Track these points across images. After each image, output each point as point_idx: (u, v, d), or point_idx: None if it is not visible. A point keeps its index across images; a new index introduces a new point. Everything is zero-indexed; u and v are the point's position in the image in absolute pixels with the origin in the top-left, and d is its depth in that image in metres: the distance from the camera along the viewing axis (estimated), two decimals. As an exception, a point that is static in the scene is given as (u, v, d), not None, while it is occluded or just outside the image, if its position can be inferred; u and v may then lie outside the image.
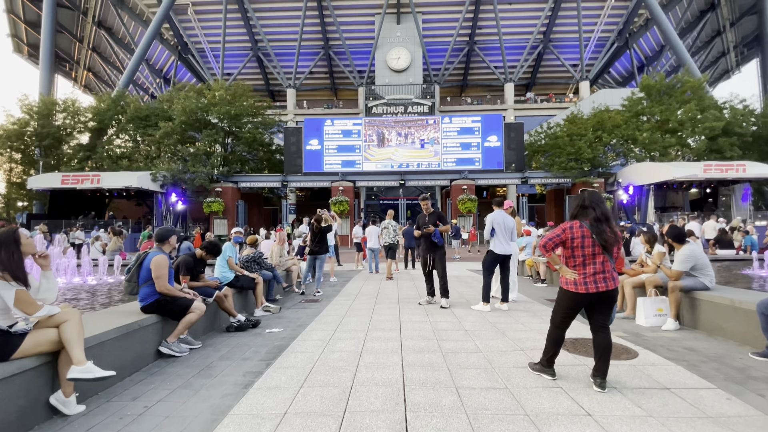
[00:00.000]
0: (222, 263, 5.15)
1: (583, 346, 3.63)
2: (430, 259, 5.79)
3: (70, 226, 22.96)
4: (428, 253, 5.80)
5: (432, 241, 5.74)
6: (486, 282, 5.42)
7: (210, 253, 4.54)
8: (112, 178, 23.33)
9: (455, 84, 41.91)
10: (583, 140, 24.14)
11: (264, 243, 11.15)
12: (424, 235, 5.79)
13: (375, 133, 25.84)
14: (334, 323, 4.70)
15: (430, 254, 5.79)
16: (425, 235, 5.76)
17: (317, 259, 7.04)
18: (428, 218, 5.85)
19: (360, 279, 9.12)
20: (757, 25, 36.75)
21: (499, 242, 5.39)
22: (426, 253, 5.82)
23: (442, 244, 5.70)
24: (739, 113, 24.93)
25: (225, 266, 5.15)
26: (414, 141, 25.78)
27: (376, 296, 6.60)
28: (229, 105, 25.49)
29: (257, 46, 37.81)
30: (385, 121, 26.29)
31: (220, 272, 5.11)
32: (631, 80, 42.42)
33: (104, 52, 43.03)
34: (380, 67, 35.25)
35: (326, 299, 6.44)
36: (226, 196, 25.40)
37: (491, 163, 25.54)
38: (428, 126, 25.90)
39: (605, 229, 2.75)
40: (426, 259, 5.82)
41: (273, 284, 6.19)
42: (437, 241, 5.72)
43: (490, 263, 5.46)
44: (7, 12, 37.31)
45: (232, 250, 5.34)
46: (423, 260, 5.89)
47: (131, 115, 26.60)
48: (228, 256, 5.17)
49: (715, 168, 21.27)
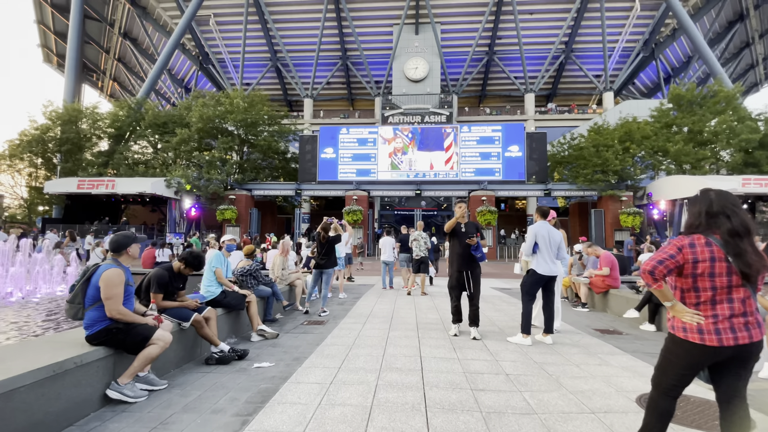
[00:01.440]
0: (209, 276, 4.36)
1: (697, 413, 2.48)
2: (467, 277, 4.78)
3: (84, 231, 22.95)
4: (464, 270, 4.76)
5: (470, 256, 4.76)
6: (526, 309, 4.49)
7: (190, 266, 3.66)
8: (127, 184, 23.25)
9: (473, 94, 41.24)
10: (610, 151, 22.94)
11: (270, 253, 10.44)
12: (453, 246, 4.87)
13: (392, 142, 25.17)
14: (338, 357, 3.85)
15: (467, 272, 4.77)
16: (459, 249, 4.80)
17: (323, 273, 6.15)
18: (465, 227, 4.86)
19: (372, 295, 8.23)
20: (788, 38, 35.28)
21: (543, 260, 4.46)
22: (461, 271, 4.77)
23: (484, 261, 4.78)
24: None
25: (212, 279, 4.36)
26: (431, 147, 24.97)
27: (390, 319, 5.71)
28: (245, 113, 25.31)
29: (276, 57, 38.08)
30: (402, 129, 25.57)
31: (205, 287, 4.33)
32: (657, 91, 41.06)
33: (129, 62, 44.21)
34: (398, 77, 34.89)
35: (333, 320, 5.61)
36: (240, 203, 25.02)
37: (512, 174, 24.49)
38: (447, 135, 25.08)
39: (746, 248, 1.80)
40: (460, 277, 4.79)
41: (272, 302, 5.37)
42: (479, 257, 4.79)
43: (531, 286, 4.54)
44: (38, 23, 38.67)
45: (221, 260, 4.51)
46: (454, 279, 4.84)
47: (149, 122, 26.70)
48: (215, 266, 4.38)
49: (755, 182, 19.77)
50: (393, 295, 8.26)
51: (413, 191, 25.10)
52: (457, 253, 4.83)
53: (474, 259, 4.82)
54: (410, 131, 25.36)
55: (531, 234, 4.56)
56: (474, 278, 4.83)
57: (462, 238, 4.79)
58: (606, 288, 6.23)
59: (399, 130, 25.61)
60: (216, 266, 4.40)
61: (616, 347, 4.25)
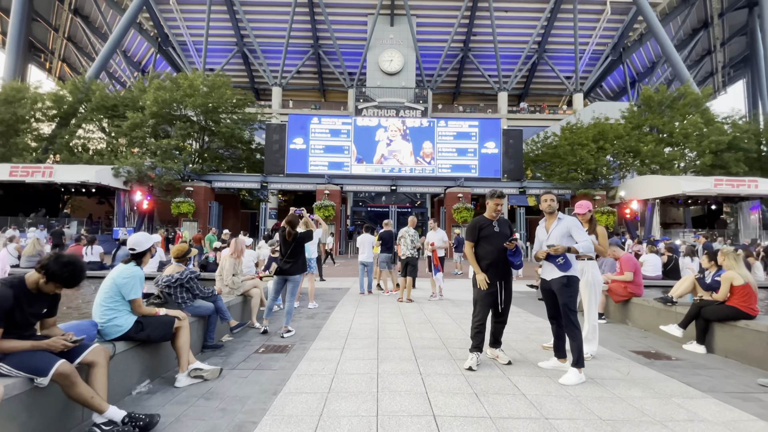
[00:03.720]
0: (113, 296, 2.82)
1: None
2: (500, 290, 3.65)
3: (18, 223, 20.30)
4: (498, 280, 3.65)
5: (506, 262, 3.68)
6: (577, 333, 3.38)
7: (57, 281, 2.18)
8: (67, 172, 20.62)
9: (448, 91, 40.73)
10: (585, 150, 22.82)
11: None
12: (482, 250, 3.74)
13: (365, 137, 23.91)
14: (307, 420, 2.47)
15: (500, 283, 3.65)
16: (492, 254, 3.65)
17: (288, 281, 4.70)
18: (500, 226, 3.74)
19: (349, 303, 6.96)
20: (746, 46, 37.22)
21: (578, 267, 3.48)
22: (495, 282, 3.62)
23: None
24: (741, 129, 24.07)
25: (118, 304, 2.83)
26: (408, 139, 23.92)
27: (376, 340, 4.44)
28: (206, 97, 23.21)
29: (243, 42, 35.88)
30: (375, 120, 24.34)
31: (103, 315, 2.79)
32: (623, 95, 42.27)
33: (80, 42, 40.53)
34: (372, 69, 33.66)
35: (299, 344, 4.25)
36: (198, 196, 22.92)
37: (488, 171, 23.86)
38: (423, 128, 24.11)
39: None
40: (494, 291, 3.61)
41: (215, 321, 3.99)
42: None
43: (576, 296, 3.50)
44: (-21, -2, 34.48)
45: (139, 281, 2.94)
46: (485, 293, 3.60)
47: (96, 104, 24.00)
48: (132, 296, 2.86)
49: (726, 183, 20.10)
50: (373, 303, 7.03)
51: (388, 186, 23.96)
52: (489, 259, 3.65)
53: (509, 267, 3.71)
54: (401, 121, 24.21)
55: (581, 227, 3.50)
56: (508, 291, 3.70)
57: (496, 240, 3.65)
58: (628, 296, 5.31)
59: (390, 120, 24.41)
60: (134, 295, 2.89)
61: (684, 383, 3.22)
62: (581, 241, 3.43)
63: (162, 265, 8.64)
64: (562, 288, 3.46)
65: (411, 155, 23.84)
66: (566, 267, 3.45)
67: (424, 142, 23.86)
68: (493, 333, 3.75)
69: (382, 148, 23.85)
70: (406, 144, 23.87)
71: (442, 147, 23.85)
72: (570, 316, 3.40)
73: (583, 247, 3.40)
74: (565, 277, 3.44)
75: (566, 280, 3.44)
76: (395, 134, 23.93)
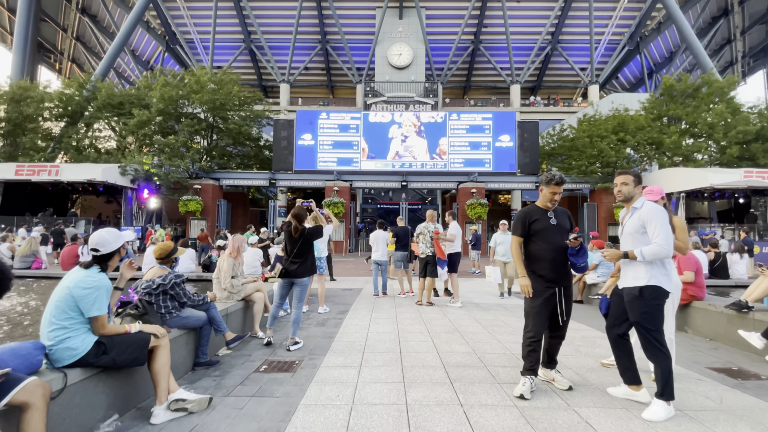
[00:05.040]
0: (66, 312, 2.18)
1: None
2: (560, 297, 2.92)
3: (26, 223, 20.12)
4: (557, 286, 2.93)
5: (565, 263, 2.99)
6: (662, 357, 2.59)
7: None
8: (73, 171, 20.39)
9: (458, 85, 39.89)
10: (604, 142, 21.87)
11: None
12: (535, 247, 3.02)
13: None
14: None
15: (560, 289, 2.94)
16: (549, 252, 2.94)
17: (295, 284, 4.07)
18: (557, 218, 3.02)
19: (363, 307, 6.31)
20: (766, 35, 35.68)
21: (667, 268, 2.68)
22: (552, 288, 2.91)
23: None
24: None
25: (74, 321, 2.19)
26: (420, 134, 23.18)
27: (399, 356, 3.71)
28: (213, 93, 22.76)
29: (250, 38, 35.52)
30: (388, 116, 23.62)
31: (52, 334, 2.15)
32: (640, 86, 40.96)
33: (88, 41, 40.73)
34: (380, 64, 32.96)
35: (308, 360, 3.56)
36: (206, 194, 22.52)
37: (503, 165, 23.01)
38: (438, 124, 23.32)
39: None
40: (551, 297, 2.90)
41: (207, 334, 3.39)
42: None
43: (660, 310, 2.67)
44: (-11, -2, 34.76)
45: (98, 285, 2.25)
46: (541, 299, 2.89)
47: (102, 102, 23.74)
48: (94, 312, 2.21)
49: (757, 175, 18.95)
50: (390, 307, 6.36)
51: (399, 182, 23.27)
52: (545, 259, 2.93)
53: (569, 267, 2.99)
54: (416, 116, 23.46)
55: (663, 218, 2.65)
56: (568, 299, 2.97)
57: (553, 235, 2.94)
58: (688, 299, 4.58)
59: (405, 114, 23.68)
60: (96, 311, 2.22)
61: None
62: (654, 241, 2.59)
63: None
64: (633, 301, 2.66)
65: (426, 153, 23.07)
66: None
67: (440, 138, 23.07)
68: (547, 350, 3.04)
69: (396, 145, 23.12)
70: (421, 141, 23.12)
71: (454, 141, 23.06)
72: (649, 337, 2.61)
73: (650, 252, 2.58)
74: (638, 288, 2.65)
75: (638, 291, 2.64)
76: (410, 130, 23.18)
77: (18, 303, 5.92)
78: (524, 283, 2.93)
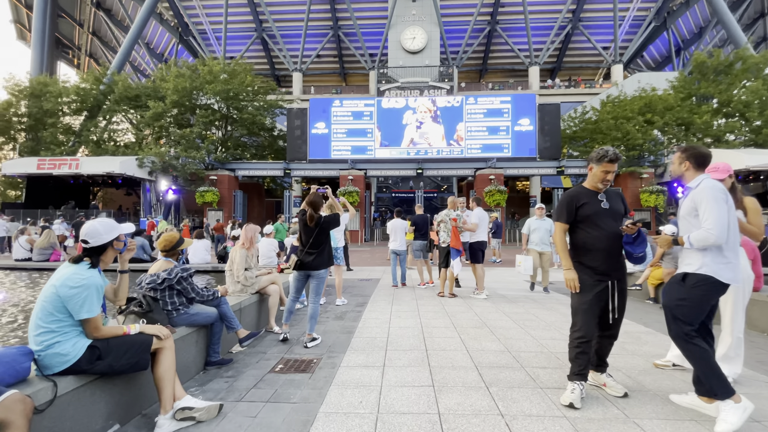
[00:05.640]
0: (53, 313, 1.93)
1: None
2: (614, 291, 2.54)
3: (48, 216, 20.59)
4: (609, 279, 2.55)
5: (620, 252, 2.59)
6: (704, 356, 2.27)
7: None
8: (92, 164, 20.69)
9: (474, 68, 38.78)
10: (631, 123, 20.87)
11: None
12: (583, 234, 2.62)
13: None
14: None
15: (613, 282, 2.55)
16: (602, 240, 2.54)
17: (311, 277, 3.80)
18: (609, 201, 2.60)
19: (383, 299, 6.03)
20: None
21: (727, 255, 2.34)
22: (606, 282, 2.53)
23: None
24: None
25: (63, 324, 1.94)
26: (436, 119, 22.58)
27: (425, 354, 3.38)
28: (226, 83, 22.63)
29: (262, 27, 35.19)
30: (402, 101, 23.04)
31: (39, 338, 1.91)
32: (666, 64, 39.05)
33: (104, 36, 41.22)
34: (394, 48, 32.19)
35: (327, 359, 3.28)
36: (222, 185, 22.58)
37: (522, 150, 22.26)
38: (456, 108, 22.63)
39: None
40: (603, 292, 2.52)
41: (219, 332, 3.15)
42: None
43: (699, 304, 2.34)
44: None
45: (88, 283, 1.98)
46: (591, 295, 2.51)
47: (119, 95, 23.91)
48: (85, 314, 1.95)
49: (798, 156, 17.81)
50: (411, 298, 6.07)
51: (414, 170, 22.81)
52: (596, 248, 2.53)
53: (624, 259, 2.61)
54: (431, 101, 22.83)
55: (716, 198, 2.30)
56: (622, 294, 2.58)
57: (605, 221, 2.54)
58: (744, 291, 4.14)
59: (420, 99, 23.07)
60: (87, 313, 1.95)
61: None
62: (703, 225, 2.28)
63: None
64: (673, 285, 2.44)
65: (443, 139, 22.46)
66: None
67: (457, 123, 22.39)
68: (597, 351, 2.66)
69: (411, 132, 22.59)
70: (438, 126, 22.51)
71: (471, 126, 22.39)
72: (673, 327, 2.38)
73: (697, 239, 2.29)
74: (682, 273, 2.42)
75: (682, 276, 2.41)
76: (425, 116, 22.58)
77: (29, 296, 5.85)
78: (570, 277, 2.57)
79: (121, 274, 2.34)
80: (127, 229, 2.22)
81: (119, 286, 2.34)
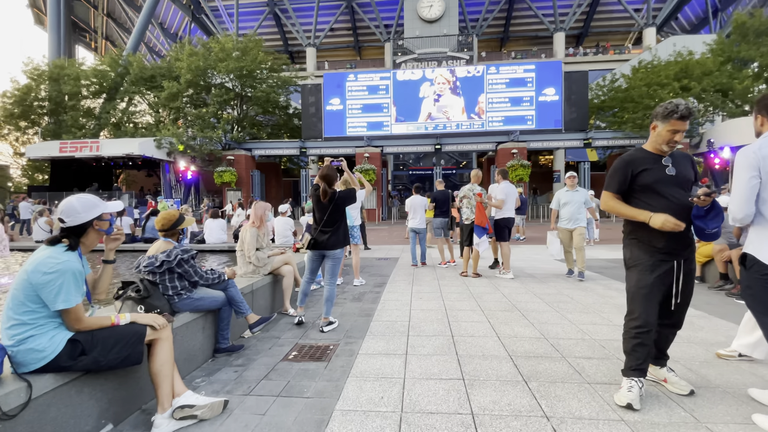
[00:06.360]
0: (25, 303, 1.65)
1: None
2: (679, 272, 2.14)
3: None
4: (675, 259, 2.14)
5: (689, 225, 2.12)
6: None
7: None
8: (112, 146, 20.88)
9: (494, 36, 36.97)
10: (665, 89, 19.51)
11: (211, 224, 7.56)
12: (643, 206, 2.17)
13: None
14: None
15: (679, 263, 2.14)
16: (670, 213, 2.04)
17: (327, 258, 3.52)
18: (676, 166, 2.15)
19: (402, 279, 5.76)
20: None
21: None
22: (671, 262, 2.12)
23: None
24: None
25: (36, 315, 1.66)
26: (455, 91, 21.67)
27: (451, 341, 3.05)
28: (238, 61, 22.21)
29: (274, 1, 34.25)
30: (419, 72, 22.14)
31: (11, 332, 1.65)
32: (702, 26, 36.26)
33: (119, 17, 41.16)
34: (410, 18, 30.82)
35: (344, 345, 3.01)
36: (239, 165, 22.53)
37: (547, 122, 21.21)
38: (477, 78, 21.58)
39: None
40: (668, 273, 2.12)
41: (227, 317, 2.90)
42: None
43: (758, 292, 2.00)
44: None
45: (63, 268, 1.68)
46: (650, 276, 2.12)
47: (135, 76, 23.86)
48: (64, 303, 1.67)
49: None
50: (432, 278, 5.76)
51: (432, 146, 22.14)
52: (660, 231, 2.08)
53: (692, 236, 2.19)
54: (450, 72, 21.88)
55: (741, 165, 1.99)
56: (688, 276, 2.18)
57: (670, 189, 2.11)
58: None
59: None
60: (64, 303, 1.68)
61: None
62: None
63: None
64: (741, 271, 2.13)
65: (463, 112, 21.59)
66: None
67: (479, 95, 21.42)
68: (656, 342, 2.25)
69: (428, 105, 21.78)
70: (457, 99, 21.61)
71: (493, 97, 21.40)
72: (758, 322, 2.04)
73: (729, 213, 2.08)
74: (743, 254, 2.10)
75: (742, 257, 2.11)
76: (444, 87, 21.69)
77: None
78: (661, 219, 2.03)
79: (105, 264, 2.02)
80: (112, 207, 1.94)
81: (100, 277, 2.01)
